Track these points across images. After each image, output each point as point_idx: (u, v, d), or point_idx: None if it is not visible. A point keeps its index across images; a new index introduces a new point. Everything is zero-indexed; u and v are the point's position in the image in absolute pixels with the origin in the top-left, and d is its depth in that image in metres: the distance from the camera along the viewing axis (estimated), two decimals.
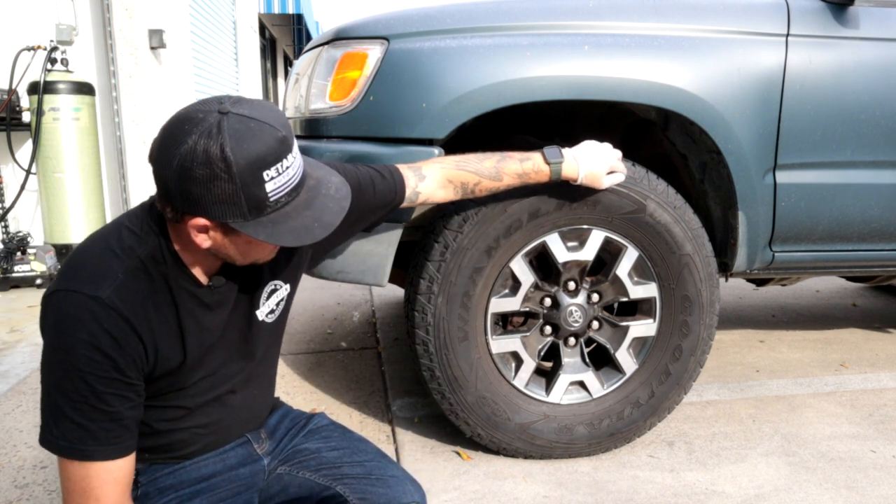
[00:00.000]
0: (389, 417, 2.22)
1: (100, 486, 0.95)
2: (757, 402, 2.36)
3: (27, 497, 1.74)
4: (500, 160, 1.52)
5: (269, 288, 1.16)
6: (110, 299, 0.93)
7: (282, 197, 0.94)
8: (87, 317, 0.92)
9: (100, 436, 0.95)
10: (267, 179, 0.91)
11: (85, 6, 4.38)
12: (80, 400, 0.93)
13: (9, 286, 3.96)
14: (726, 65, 1.79)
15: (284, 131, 0.94)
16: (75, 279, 0.94)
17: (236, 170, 0.89)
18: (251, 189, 0.91)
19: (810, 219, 1.95)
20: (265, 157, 0.91)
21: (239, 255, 1.00)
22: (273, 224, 0.94)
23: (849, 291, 3.97)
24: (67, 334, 0.92)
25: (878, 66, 1.88)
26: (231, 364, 1.13)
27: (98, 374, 0.92)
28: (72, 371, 0.92)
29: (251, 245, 0.99)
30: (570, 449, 1.93)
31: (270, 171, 0.91)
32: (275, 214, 0.94)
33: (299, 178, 0.97)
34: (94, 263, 0.96)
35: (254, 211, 0.92)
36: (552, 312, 1.88)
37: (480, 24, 1.74)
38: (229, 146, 0.88)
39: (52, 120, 3.83)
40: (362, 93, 1.71)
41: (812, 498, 1.77)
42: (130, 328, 0.95)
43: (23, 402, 2.31)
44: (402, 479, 1.17)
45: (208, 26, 7.58)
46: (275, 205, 0.94)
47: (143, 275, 0.98)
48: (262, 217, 0.93)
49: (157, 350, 1.00)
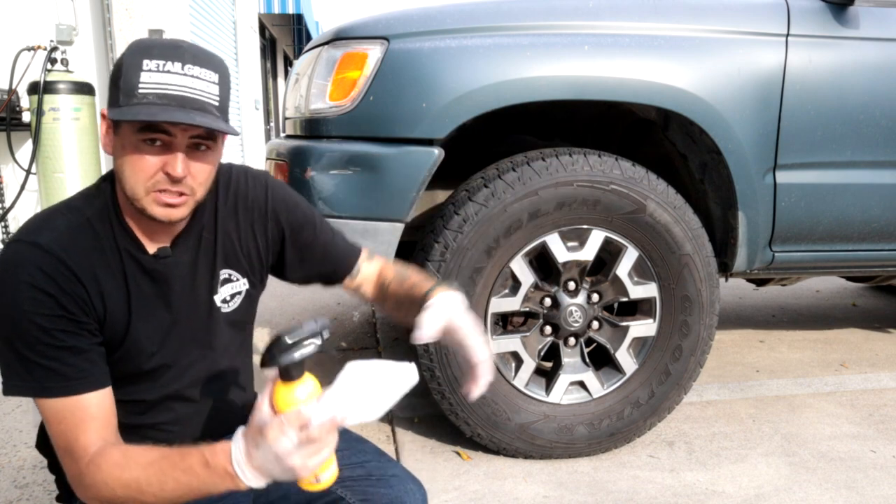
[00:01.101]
0: (389, 417, 2.22)
1: (76, 425, 0.94)
2: (757, 402, 2.36)
3: (27, 497, 1.74)
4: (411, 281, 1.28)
5: (222, 275, 1.13)
6: (48, 245, 0.95)
7: (151, 92, 0.90)
8: (25, 260, 0.94)
9: (62, 371, 0.94)
10: (144, 68, 0.91)
11: (85, 6, 4.38)
12: (32, 341, 0.93)
13: None
14: (726, 65, 1.79)
15: (186, 46, 0.95)
16: (19, 232, 0.97)
17: (127, 53, 0.93)
18: (129, 72, 0.92)
19: (810, 219, 1.95)
20: (151, 49, 0.92)
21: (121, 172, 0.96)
22: (131, 109, 0.91)
23: (849, 291, 3.97)
24: (8, 279, 0.93)
25: (878, 66, 1.88)
26: (189, 351, 1.11)
27: (42, 313, 0.93)
28: (18, 313, 0.93)
29: (125, 154, 0.94)
30: (570, 449, 1.93)
31: (151, 63, 0.91)
32: (138, 106, 0.90)
33: (185, 95, 0.92)
34: (41, 219, 0.99)
35: (123, 97, 0.92)
36: (552, 312, 1.88)
37: (480, 24, 1.74)
38: (145, 38, 0.95)
39: (52, 120, 3.83)
40: (362, 93, 1.71)
41: (812, 498, 1.77)
42: (70, 271, 0.95)
43: (23, 402, 2.31)
44: (403, 478, 1.17)
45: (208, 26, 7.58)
46: (141, 98, 0.90)
47: (87, 231, 0.99)
48: (127, 105, 0.91)
49: (102, 297, 0.99)
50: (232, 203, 1.12)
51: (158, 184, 0.94)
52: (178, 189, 0.95)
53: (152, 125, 0.91)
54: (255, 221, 1.14)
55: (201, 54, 0.95)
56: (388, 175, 1.71)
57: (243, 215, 1.13)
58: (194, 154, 0.95)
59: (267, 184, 1.16)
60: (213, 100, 0.95)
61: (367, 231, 1.73)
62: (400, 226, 1.75)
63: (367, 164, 1.71)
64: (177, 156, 0.93)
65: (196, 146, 0.95)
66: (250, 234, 1.14)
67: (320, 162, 1.73)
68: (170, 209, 0.96)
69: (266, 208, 1.14)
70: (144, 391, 1.08)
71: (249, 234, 1.13)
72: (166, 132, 0.92)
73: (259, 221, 1.14)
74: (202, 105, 0.93)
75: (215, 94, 0.95)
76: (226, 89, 0.98)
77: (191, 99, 0.92)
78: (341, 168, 1.73)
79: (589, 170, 1.76)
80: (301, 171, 1.74)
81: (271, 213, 1.15)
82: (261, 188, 1.15)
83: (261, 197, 1.14)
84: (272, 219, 1.15)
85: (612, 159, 1.79)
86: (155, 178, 0.94)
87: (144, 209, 0.96)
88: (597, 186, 1.76)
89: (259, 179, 1.16)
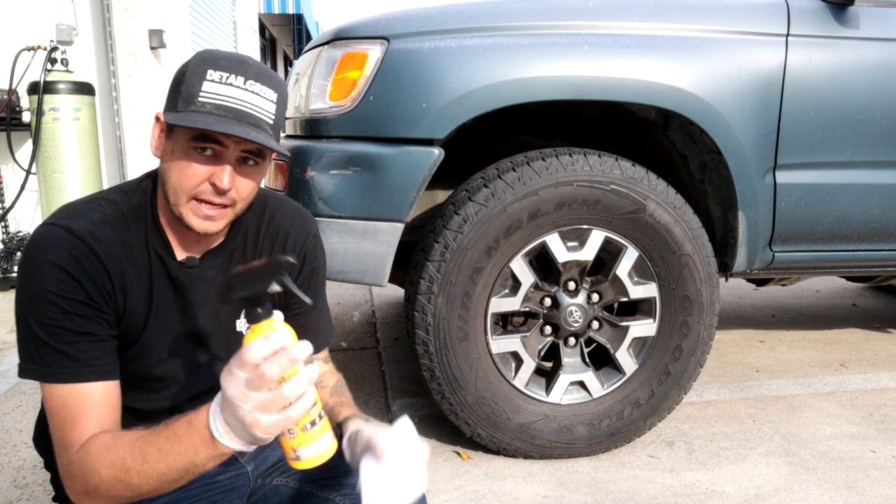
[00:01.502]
0: (389, 417, 2.22)
1: (77, 412, 0.94)
2: (757, 402, 2.36)
3: (27, 497, 1.74)
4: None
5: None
6: (80, 231, 0.95)
7: (210, 102, 0.92)
8: (56, 243, 0.94)
9: (74, 356, 0.94)
10: (207, 78, 0.92)
11: (85, 6, 4.38)
12: (50, 323, 0.93)
13: (9, 286, 3.96)
14: (726, 65, 1.79)
15: (253, 63, 0.96)
16: (54, 216, 0.97)
17: (193, 60, 0.95)
18: (192, 80, 0.93)
19: (810, 219, 1.95)
20: (217, 60, 0.94)
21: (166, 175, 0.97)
22: (188, 115, 0.91)
23: (849, 291, 3.97)
24: (38, 259, 0.94)
25: (878, 66, 1.88)
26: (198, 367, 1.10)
27: (65, 296, 0.93)
28: (41, 293, 0.93)
29: (174, 159, 0.95)
30: (570, 449, 1.93)
31: (215, 73, 0.93)
32: (195, 113, 0.91)
33: (242, 109, 0.93)
34: (77, 206, 0.99)
35: (183, 102, 0.93)
36: (552, 312, 1.88)
37: (480, 24, 1.74)
38: (214, 50, 0.96)
39: (52, 120, 3.83)
40: (362, 93, 1.71)
41: (812, 498, 1.77)
42: (98, 260, 0.96)
43: (23, 402, 2.31)
44: None
45: (208, 26, 7.57)
46: (200, 106, 0.92)
47: (121, 225, 0.99)
48: (186, 111, 0.92)
49: (125, 292, 0.99)
50: (272, 235, 1.14)
51: (202, 193, 0.95)
52: (220, 201, 0.96)
53: (206, 134, 0.92)
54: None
55: (265, 72, 0.97)
56: (388, 175, 1.71)
57: (279, 249, 1.14)
58: (241, 168, 0.97)
59: (309, 231, 1.18)
60: (269, 118, 0.96)
61: (367, 231, 1.74)
62: (400, 226, 1.75)
63: (367, 164, 1.71)
64: (225, 168, 0.94)
65: (244, 160, 0.96)
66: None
67: (320, 162, 1.73)
68: (208, 221, 0.97)
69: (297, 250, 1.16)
70: (144, 400, 1.07)
71: None
72: (219, 142, 0.93)
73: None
74: (257, 121, 0.94)
75: (272, 112, 0.96)
76: (282, 109, 0.99)
77: (247, 114, 0.93)
78: (341, 168, 1.73)
79: (589, 170, 1.76)
80: (301, 171, 1.74)
81: (298, 256, 1.17)
82: (303, 233, 1.17)
83: (300, 240, 1.16)
84: (298, 261, 1.17)
85: (612, 159, 1.79)
86: (200, 187, 0.95)
87: (182, 217, 0.97)
88: (597, 186, 1.76)
89: (305, 225, 1.18)
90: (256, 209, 1.14)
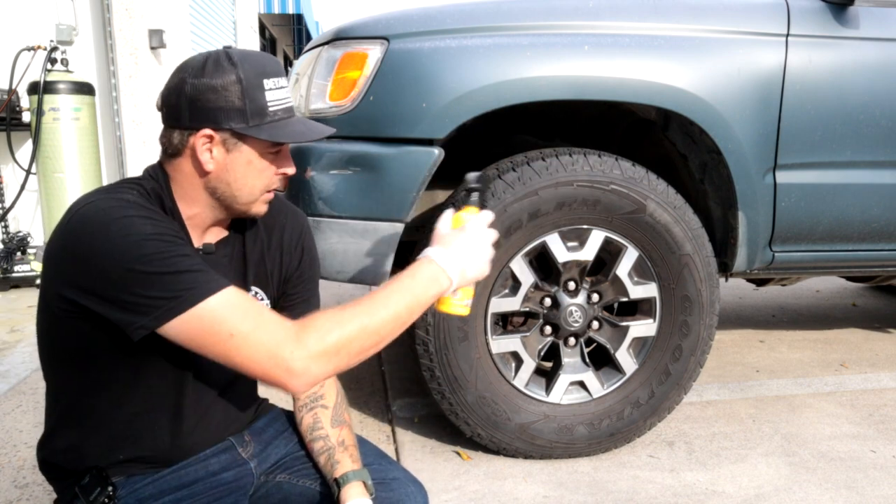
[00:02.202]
0: (389, 417, 2.22)
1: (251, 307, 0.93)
2: (757, 402, 2.36)
3: (27, 497, 1.74)
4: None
5: (251, 291, 1.16)
6: (132, 199, 0.96)
7: (279, 110, 1.01)
8: (119, 204, 0.93)
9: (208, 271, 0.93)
10: (267, 88, 0.99)
11: (85, 6, 4.38)
12: (169, 254, 0.91)
13: (9, 286, 3.96)
14: (726, 65, 1.79)
15: (274, 58, 1.05)
16: (91, 195, 0.97)
17: (242, 73, 0.97)
18: (254, 92, 0.98)
19: (810, 219, 1.95)
20: (266, 67, 1.00)
21: (236, 183, 1.01)
22: (272, 128, 1.00)
23: (849, 291, 3.97)
24: (115, 217, 0.91)
25: (878, 66, 1.88)
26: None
27: (165, 232, 0.93)
28: (143, 239, 0.90)
29: (250, 168, 1.02)
30: (570, 449, 1.93)
31: (269, 81, 1.00)
32: (273, 123, 1.00)
33: (291, 105, 1.05)
34: (106, 188, 1.01)
35: (255, 116, 0.99)
36: (552, 312, 1.88)
37: (480, 24, 1.74)
38: (236, 56, 0.99)
39: (52, 120, 3.83)
40: (362, 93, 1.71)
41: (812, 498, 1.77)
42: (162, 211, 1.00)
43: (23, 402, 2.31)
44: (404, 481, 1.17)
45: (208, 26, 7.57)
46: (273, 115, 1.00)
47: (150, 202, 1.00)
48: (262, 124, 0.99)
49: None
50: (269, 228, 1.19)
51: (274, 184, 1.07)
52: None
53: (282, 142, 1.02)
54: (284, 250, 1.21)
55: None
56: (388, 175, 1.71)
57: (276, 242, 1.20)
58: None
59: (304, 226, 1.25)
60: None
61: (367, 231, 1.74)
62: (400, 226, 1.75)
63: (367, 164, 1.71)
64: (287, 156, 1.07)
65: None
66: (278, 261, 1.20)
67: (320, 162, 1.73)
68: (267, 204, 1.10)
69: (294, 245, 1.22)
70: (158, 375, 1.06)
71: (277, 261, 1.20)
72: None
73: (287, 253, 1.21)
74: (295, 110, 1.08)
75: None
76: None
77: (293, 107, 1.05)
78: (341, 168, 1.73)
79: (589, 170, 1.76)
80: (301, 171, 1.75)
81: (296, 251, 1.22)
82: (298, 228, 1.23)
83: (296, 234, 1.23)
84: (296, 256, 1.22)
85: (612, 159, 1.79)
86: (273, 180, 1.06)
87: (249, 210, 1.07)
88: (597, 186, 1.76)
89: (299, 219, 1.25)
90: None
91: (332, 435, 1.17)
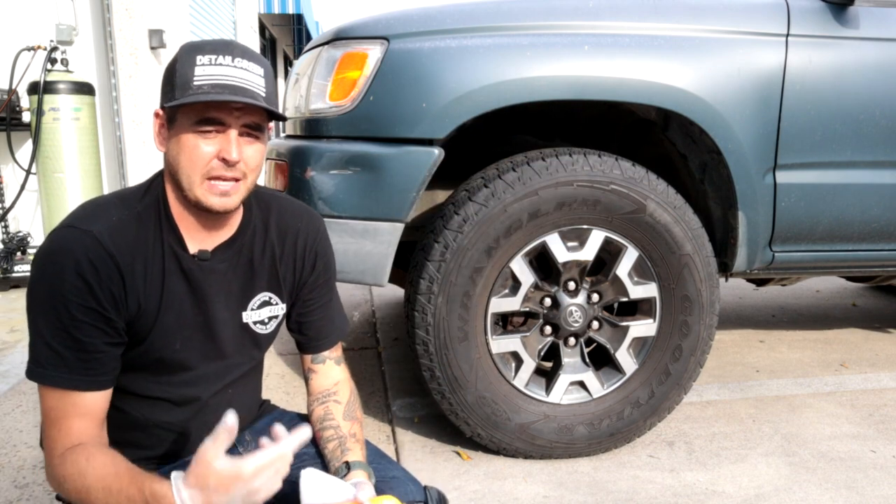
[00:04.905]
0: (389, 417, 2.22)
1: (65, 417, 0.98)
2: (757, 402, 2.36)
3: (27, 497, 1.74)
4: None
5: (262, 297, 1.16)
6: (100, 234, 0.98)
7: (206, 84, 0.96)
8: (75, 247, 0.97)
9: (72, 365, 0.98)
10: (198, 63, 0.97)
11: (85, 6, 4.38)
12: (58, 326, 0.97)
13: (9, 286, 3.96)
14: (726, 65, 1.79)
15: (235, 43, 1.02)
16: (73, 218, 1.01)
17: (179, 53, 1.00)
18: (184, 68, 0.97)
19: (810, 219, 1.95)
20: (203, 46, 0.99)
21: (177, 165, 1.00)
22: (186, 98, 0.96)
23: (849, 291, 3.97)
24: (55, 262, 0.97)
25: (878, 66, 1.88)
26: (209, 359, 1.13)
27: (77, 302, 0.96)
28: (55, 296, 0.96)
29: (182, 146, 0.99)
30: (570, 449, 1.93)
31: (204, 58, 0.98)
32: (194, 95, 0.96)
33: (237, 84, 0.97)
34: (95, 206, 1.03)
35: (179, 91, 0.97)
36: (552, 312, 1.88)
37: (480, 24, 1.74)
38: (194, 41, 1.01)
39: (52, 120, 3.83)
40: (362, 93, 1.71)
41: (812, 498, 1.77)
42: (114, 264, 0.99)
43: (23, 402, 2.31)
44: (403, 479, 1.17)
45: (208, 26, 7.57)
46: (197, 88, 0.96)
47: (136, 224, 1.03)
48: (184, 97, 0.96)
49: (137, 295, 1.02)
50: (281, 232, 1.17)
51: (214, 170, 0.99)
52: (232, 174, 1.00)
53: (209, 116, 0.96)
54: (297, 256, 1.19)
55: (248, 50, 1.02)
56: (388, 175, 1.71)
57: (290, 248, 1.18)
58: (245, 141, 1.01)
59: (319, 230, 1.23)
60: (261, 90, 1.00)
61: (367, 231, 1.74)
62: (400, 226, 1.75)
63: (367, 164, 1.71)
64: (230, 140, 0.98)
65: (245, 135, 1.01)
66: (291, 265, 1.19)
67: (320, 162, 1.73)
68: (225, 198, 1.01)
69: (308, 249, 1.20)
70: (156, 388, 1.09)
71: (290, 264, 1.19)
72: (221, 122, 0.97)
73: (300, 258, 1.19)
74: (252, 94, 0.98)
75: (262, 85, 1.01)
76: (271, 84, 1.03)
77: (241, 88, 0.98)
78: (341, 168, 1.73)
79: (589, 170, 1.76)
80: (301, 171, 1.75)
81: (310, 254, 1.20)
82: (313, 232, 1.21)
83: (311, 238, 1.20)
84: (310, 261, 1.20)
85: (612, 159, 1.79)
86: (210, 165, 0.99)
87: (199, 200, 1.01)
88: (597, 186, 1.76)
89: (314, 223, 1.22)
90: (263, 207, 1.17)
91: (343, 426, 1.19)
